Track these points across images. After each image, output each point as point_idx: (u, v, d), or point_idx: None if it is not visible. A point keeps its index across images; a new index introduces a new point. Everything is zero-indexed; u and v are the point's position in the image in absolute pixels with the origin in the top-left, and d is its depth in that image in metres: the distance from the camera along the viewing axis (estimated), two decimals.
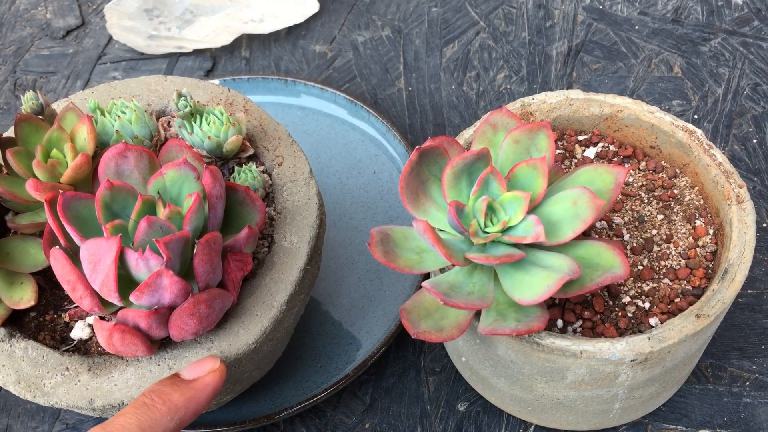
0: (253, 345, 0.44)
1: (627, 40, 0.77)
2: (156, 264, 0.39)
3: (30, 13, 0.85)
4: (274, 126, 0.53)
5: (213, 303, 0.41)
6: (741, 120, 0.70)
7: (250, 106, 0.54)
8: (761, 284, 0.60)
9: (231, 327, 0.45)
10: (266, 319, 0.45)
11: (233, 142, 0.49)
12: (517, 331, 0.42)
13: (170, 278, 0.39)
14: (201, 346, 0.44)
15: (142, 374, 0.43)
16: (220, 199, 0.43)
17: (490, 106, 0.73)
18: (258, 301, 0.46)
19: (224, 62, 0.79)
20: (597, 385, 0.46)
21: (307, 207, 0.49)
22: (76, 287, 0.40)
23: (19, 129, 0.48)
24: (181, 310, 0.40)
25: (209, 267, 0.41)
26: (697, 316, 0.44)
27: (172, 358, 0.44)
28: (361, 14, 0.82)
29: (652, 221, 0.50)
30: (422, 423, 0.55)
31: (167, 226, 0.40)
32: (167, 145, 0.46)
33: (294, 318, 0.49)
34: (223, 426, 0.53)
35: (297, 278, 0.46)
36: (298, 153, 0.52)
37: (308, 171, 0.51)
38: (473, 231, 0.43)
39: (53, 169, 0.46)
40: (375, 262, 0.62)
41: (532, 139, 0.45)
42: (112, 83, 0.56)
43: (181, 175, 0.42)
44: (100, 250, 0.39)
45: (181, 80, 0.56)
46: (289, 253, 0.47)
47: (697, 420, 0.54)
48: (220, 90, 0.55)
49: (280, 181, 0.50)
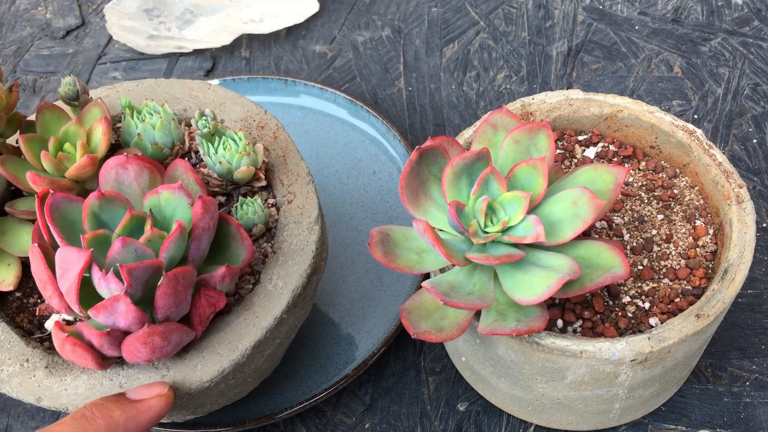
0: (207, 383, 0.43)
1: (627, 40, 0.77)
2: (116, 288, 0.39)
3: (30, 13, 0.85)
4: (296, 161, 0.51)
5: (169, 336, 0.40)
6: (741, 120, 0.70)
7: (281, 134, 0.52)
8: (761, 284, 0.60)
9: (191, 359, 0.44)
10: (227, 361, 0.44)
11: (244, 171, 0.48)
12: (517, 331, 0.42)
13: (126, 305, 0.38)
14: (156, 372, 0.43)
15: (93, 385, 0.43)
16: (207, 231, 0.42)
17: (490, 106, 0.73)
18: (224, 340, 0.44)
19: (224, 62, 0.79)
20: (597, 385, 0.46)
21: (302, 253, 0.47)
22: (46, 287, 0.40)
23: (41, 116, 0.48)
24: (134, 337, 0.40)
25: (171, 301, 0.40)
26: (697, 316, 0.44)
27: (125, 377, 0.43)
28: (361, 14, 0.82)
29: (652, 221, 0.50)
30: (422, 423, 0.55)
31: (142, 249, 0.40)
32: (174, 164, 0.45)
33: (269, 357, 0.47)
34: (223, 426, 0.53)
35: (270, 325, 0.45)
36: (311, 194, 0.50)
37: (315, 215, 0.49)
38: (473, 231, 0.43)
39: (60, 163, 0.46)
40: (375, 262, 0.62)
41: (532, 139, 0.45)
42: (158, 80, 0.55)
43: (175, 198, 0.42)
44: (70, 260, 0.39)
45: (223, 92, 0.54)
46: (270, 298, 0.46)
47: (697, 420, 0.54)
48: (257, 110, 0.53)
49: (285, 220, 0.49)
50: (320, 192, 0.66)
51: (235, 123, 0.53)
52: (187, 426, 0.53)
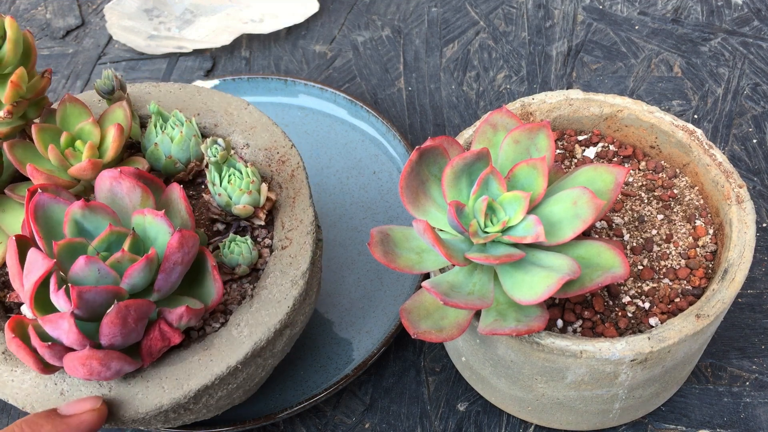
0: (142, 416, 0.43)
1: (627, 40, 0.77)
2: (64, 306, 0.39)
3: (30, 13, 0.85)
4: (304, 206, 0.49)
5: (108, 364, 0.40)
6: (741, 120, 0.70)
7: (299, 174, 0.51)
8: (761, 284, 0.60)
9: (134, 386, 0.43)
10: (167, 399, 0.43)
11: (240, 209, 0.47)
12: (517, 331, 0.42)
13: (69, 326, 0.38)
14: (99, 387, 0.43)
15: (37, 384, 0.43)
16: (179, 265, 0.41)
17: (490, 106, 0.73)
18: (172, 376, 0.43)
19: (224, 62, 0.79)
20: (597, 385, 0.46)
21: (278, 305, 0.45)
22: (15, 280, 0.41)
23: (62, 108, 0.48)
24: (74, 355, 0.39)
25: (117, 330, 0.39)
26: (697, 316, 0.44)
27: (68, 385, 0.43)
28: (361, 14, 0.82)
29: (652, 221, 0.50)
30: (422, 423, 0.55)
31: (106, 271, 0.39)
32: (171, 187, 0.45)
33: (222, 399, 0.46)
34: (223, 426, 0.53)
35: (222, 373, 0.43)
36: (306, 246, 0.48)
37: (304, 269, 0.47)
38: (473, 231, 0.43)
39: (65, 160, 0.46)
40: (375, 262, 0.62)
41: (532, 139, 0.45)
42: (201, 88, 0.54)
43: (158, 224, 0.42)
44: (34, 265, 0.39)
45: (258, 116, 0.53)
46: (231, 344, 0.44)
47: (697, 420, 0.54)
48: (284, 143, 0.52)
49: (273, 266, 0.47)
50: (320, 192, 0.66)
51: (259, 151, 0.52)
52: (187, 426, 0.53)
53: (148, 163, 0.50)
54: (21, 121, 0.48)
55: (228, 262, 0.47)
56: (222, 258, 0.47)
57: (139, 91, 0.55)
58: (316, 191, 0.66)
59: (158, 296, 0.42)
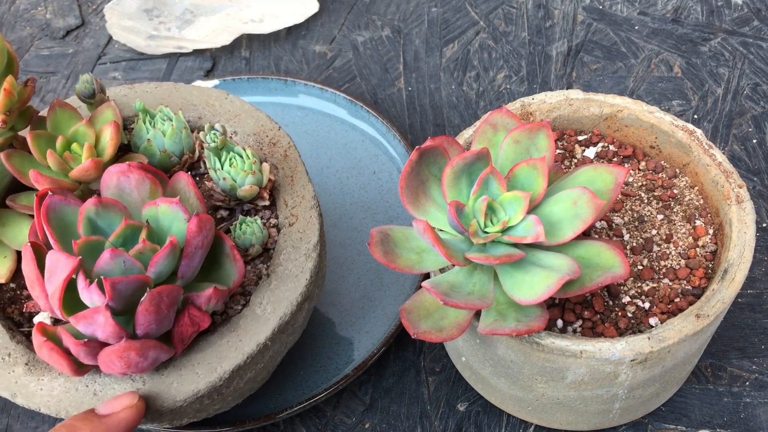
0: (180, 403, 0.43)
1: (627, 40, 0.77)
2: (98, 300, 0.39)
3: (30, 13, 0.85)
4: (303, 183, 0.50)
5: (146, 353, 0.40)
6: (741, 120, 0.70)
7: (291, 153, 0.52)
8: (761, 284, 0.60)
9: (168, 376, 0.43)
10: (203, 383, 0.43)
11: (247, 190, 0.48)
12: (517, 331, 0.42)
13: (106, 319, 0.38)
14: (132, 383, 0.43)
15: (68, 389, 0.43)
16: (200, 249, 0.41)
17: (490, 106, 0.73)
18: (204, 361, 0.43)
19: (224, 62, 0.79)
20: (597, 385, 0.46)
21: (296, 279, 0.46)
22: (34, 286, 0.40)
23: (52, 113, 0.48)
24: (111, 350, 0.39)
25: (152, 318, 0.39)
26: (697, 316, 0.44)
27: (101, 385, 0.43)
28: (361, 14, 0.82)
29: (652, 221, 0.50)
30: (422, 423, 0.55)
31: (131, 262, 0.39)
32: (177, 176, 0.45)
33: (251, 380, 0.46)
34: (223, 426, 0.53)
35: (252, 351, 0.44)
36: (313, 219, 0.49)
37: (315, 242, 0.48)
38: (473, 231, 0.43)
39: (65, 163, 0.46)
40: (375, 262, 0.62)
41: (532, 139, 0.45)
42: (177, 85, 0.55)
43: (172, 212, 0.42)
44: (58, 265, 0.39)
45: (240, 103, 0.53)
46: (257, 322, 0.45)
47: (697, 420, 0.54)
48: (271, 126, 0.52)
49: (284, 243, 0.48)
50: (320, 192, 0.66)
51: (248, 137, 0.52)
52: (187, 426, 0.53)
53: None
54: (10, 132, 0.47)
55: (241, 244, 0.47)
56: (234, 240, 0.47)
57: (115, 94, 0.55)
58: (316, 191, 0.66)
59: (182, 282, 0.42)
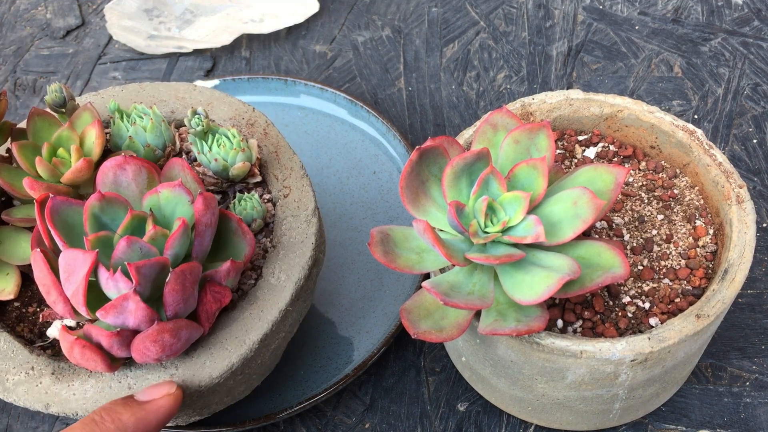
0: (216, 379, 0.43)
1: (627, 40, 0.77)
2: (125, 287, 0.39)
3: (30, 13, 0.85)
4: (289, 155, 0.52)
5: (179, 333, 0.41)
6: (741, 120, 0.70)
7: (271, 130, 0.53)
8: (761, 284, 0.60)
9: (199, 357, 0.44)
10: (235, 356, 0.44)
11: (240, 167, 0.48)
12: (517, 331, 0.42)
13: (136, 304, 0.38)
14: (165, 371, 0.43)
15: (102, 389, 0.43)
16: (209, 227, 0.42)
17: (490, 106, 0.73)
18: (231, 336, 0.44)
19: (224, 62, 0.79)
20: (597, 385, 0.46)
21: (302, 245, 0.48)
22: (50, 292, 0.40)
23: (32, 123, 0.48)
24: (144, 335, 0.40)
25: (180, 297, 0.40)
26: (697, 316, 0.44)
27: (134, 378, 0.43)
28: (361, 14, 0.82)
29: (652, 221, 0.50)
30: (422, 423, 0.55)
31: (147, 248, 0.40)
32: (171, 162, 0.45)
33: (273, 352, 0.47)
34: (223, 426, 0.53)
35: (276, 318, 0.45)
36: (306, 187, 0.50)
37: (312, 207, 0.49)
38: (473, 231, 0.43)
39: (55, 169, 0.46)
40: (375, 262, 0.62)
41: (532, 139, 0.45)
42: (142, 84, 0.56)
43: (175, 196, 0.42)
44: (75, 262, 0.39)
45: (209, 92, 0.54)
46: (273, 291, 0.46)
47: (697, 420, 0.54)
48: (245, 108, 0.54)
49: (282, 214, 0.49)
50: (320, 192, 0.66)
51: (225, 122, 0.53)
52: (187, 426, 0.53)
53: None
54: None
55: (244, 220, 0.48)
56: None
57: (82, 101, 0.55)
58: (316, 191, 0.66)
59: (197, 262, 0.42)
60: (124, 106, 0.54)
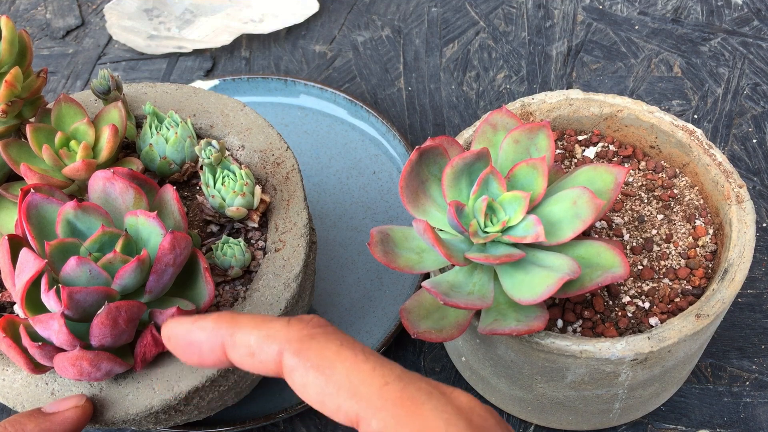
0: (132, 416, 0.43)
1: (627, 40, 0.77)
2: (55, 306, 0.38)
3: (30, 13, 0.85)
4: (299, 209, 0.49)
5: (99, 365, 0.40)
6: (741, 120, 0.70)
7: (294, 177, 0.50)
8: (761, 284, 0.60)
9: (125, 387, 0.43)
10: (157, 400, 0.42)
11: (233, 211, 0.47)
12: (517, 331, 0.42)
13: (60, 327, 0.38)
14: (90, 387, 0.43)
15: (28, 384, 0.43)
16: (171, 267, 0.41)
17: (490, 106, 0.73)
18: (163, 378, 0.43)
19: (224, 62, 0.79)
20: (597, 385, 0.46)
21: (270, 308, 0.45)
22: (7, 279, 0.41)
23: (57, 108, 0.48)
24: (64, 356, 0.39)
25: (108, 331, 0.39)
26: (697, 315, 0.44)
27: (60, 385, 0.43)
28: (361, 14, 0.82)
29: (652, 221, 0.50)
30: None
31: (97, 271, 0.39)
32: (164, 188, 0.44)
33: (213, 400, 0.45)
34: (223, 426, 0.53)
35: (212, 375, 0.43)
36: (300, 248, 0.48)
37: (297, 272, 0.47)
38: (473, 231, 0.43)
39: (60, 160, 0.46)
40: (375, 262, 0.62)
41: (532, 139, 0.45)
42: (197, 88, 0.54)
43: (150, 225, 0.41)
44: (26, 264, 0.39)
45: (254, 117, 0.53)
46: None
47: (697, 420, 0.54)
48: (279, 145, 0.51)
49: (266, 269, 0.46)
50: (320, 192, 0.66)
51: (255, 153, 0.51)
52: (186, 426, 0.53)
53: (142, 164, 0.50)
54: (16, 121, 0.47)
55: (221, 264, 0.47)
56: (215, 260, 0.47)
57: (136, 91, 0.55)
58: (316, 191, 0.66)
59: (150, 297, 0.42)
60: (171, 107, 0.53)
